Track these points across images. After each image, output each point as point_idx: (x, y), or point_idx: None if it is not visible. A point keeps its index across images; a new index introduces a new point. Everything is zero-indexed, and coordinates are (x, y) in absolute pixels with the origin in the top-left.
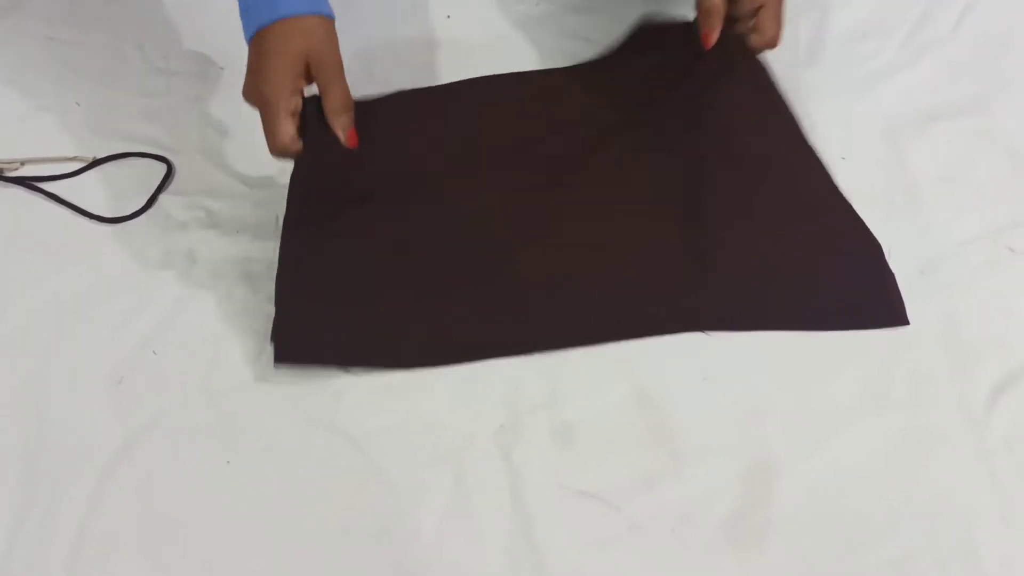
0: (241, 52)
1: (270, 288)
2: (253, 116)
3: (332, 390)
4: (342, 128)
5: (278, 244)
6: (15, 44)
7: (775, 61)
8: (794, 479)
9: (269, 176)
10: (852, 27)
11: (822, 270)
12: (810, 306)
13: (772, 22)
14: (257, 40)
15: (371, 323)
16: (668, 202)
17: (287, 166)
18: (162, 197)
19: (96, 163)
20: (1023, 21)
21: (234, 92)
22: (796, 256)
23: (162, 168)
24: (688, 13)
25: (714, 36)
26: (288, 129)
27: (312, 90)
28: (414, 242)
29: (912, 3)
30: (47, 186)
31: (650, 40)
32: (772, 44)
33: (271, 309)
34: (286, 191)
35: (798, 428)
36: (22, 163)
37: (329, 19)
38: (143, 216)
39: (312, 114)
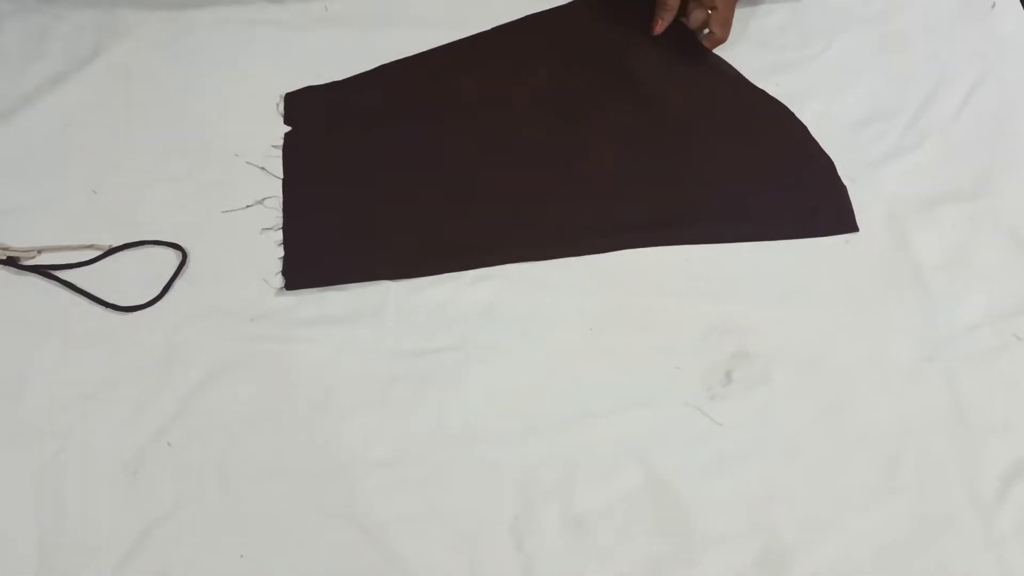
0: (255, 143)
1: (284, 376)
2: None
3: (347, 480)
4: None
5: (292, 332)
6: (32, 131)
7: None
8: (805, 566)
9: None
10: (856, 110)
11: (779, 186)
12: (768, 218)
13: (720, 27)
14: None
15: (369, 245)
16: (640, 136)
17: None
18: (177, 284)
19: (112, 251)
20: None
21: (250, 181)
22: (753, 173)
23: (177, 256)
24: None
25: (659, 28)
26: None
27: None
28: (406, 175)
29: (915, 87)
30: (63, 274)
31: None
32: (719, 43)
33: (285, 398)
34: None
35: (809, 514)
36: (39, 251)
37: None
38: (158, 304)
39: (297, 104)
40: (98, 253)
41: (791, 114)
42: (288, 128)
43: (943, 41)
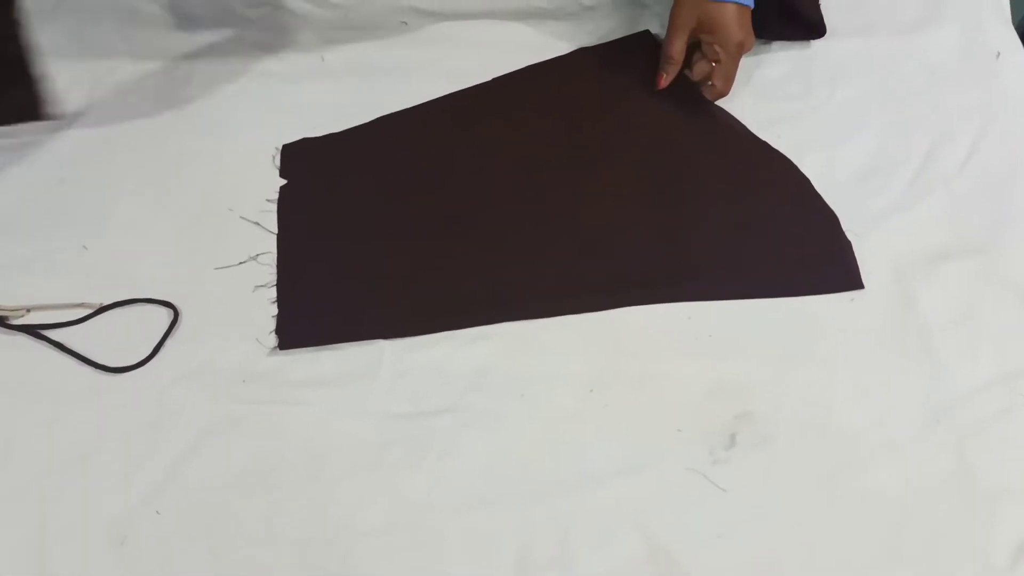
0: (249, 197)
1: (276, 440)
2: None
3: (339, 548)
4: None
5: (285, 393)
6: (22, 185)
7: None
8: None
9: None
10: (859, 164)
11: (782, 241)
12: (771, 275)
13: (723, 80)
14: None
15: (364, 303)
16: (641, 190)
17: None
18: (168, 344)
19: (102, 310)
20: None
21: (244, 236)
22: (755, 227)
23: (169, 315)
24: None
25: (664, 82)
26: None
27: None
28: (402, 230)
29: (918, 141)
30: (52, 334)
31: (636, 46)
32: (721, 96)
33: (276, 462)
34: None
35: None
36: (28, 310)
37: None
38: (148, 364)
39: (292, 156)
40: (88, 312)
41: (794, 166)
42: (283, 181)
43: (947, 92)
